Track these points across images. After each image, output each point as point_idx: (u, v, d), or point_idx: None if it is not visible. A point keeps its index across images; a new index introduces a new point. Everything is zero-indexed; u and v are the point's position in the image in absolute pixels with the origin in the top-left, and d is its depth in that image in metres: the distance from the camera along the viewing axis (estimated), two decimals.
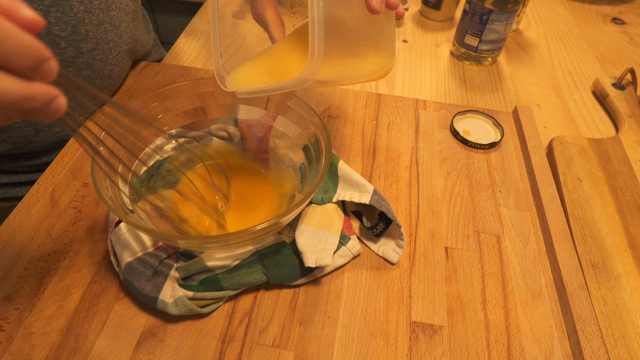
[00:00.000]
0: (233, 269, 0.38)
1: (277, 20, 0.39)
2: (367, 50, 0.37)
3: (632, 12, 0.86)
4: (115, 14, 0.51)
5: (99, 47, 0.50)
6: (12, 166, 0.53)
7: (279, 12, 0.40)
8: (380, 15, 0.35)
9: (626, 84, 0.64)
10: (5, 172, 0.54)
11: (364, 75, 0.39)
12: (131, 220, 0.32)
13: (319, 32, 0.29)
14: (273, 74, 0.38)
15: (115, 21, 0.52)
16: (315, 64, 0.30)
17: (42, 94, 0.20)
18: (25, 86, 0.20)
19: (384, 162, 0.51)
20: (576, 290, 0.40)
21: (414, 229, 0.45)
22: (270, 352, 0.36)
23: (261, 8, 0.39)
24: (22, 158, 0.53)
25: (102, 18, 0.49)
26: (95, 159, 0.33)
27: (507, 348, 0.37)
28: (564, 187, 0.49)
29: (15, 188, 0.55)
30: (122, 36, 0.54)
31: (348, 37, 0.34)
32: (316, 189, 0.35)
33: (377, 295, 0.40)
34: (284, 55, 0.39)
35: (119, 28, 0.53)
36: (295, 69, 0.37)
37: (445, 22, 0.80)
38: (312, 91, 0.60)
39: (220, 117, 0.46)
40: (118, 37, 0.53)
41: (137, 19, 0.59)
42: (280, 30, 0.40)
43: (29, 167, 0.54)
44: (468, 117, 0.58)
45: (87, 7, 0.47)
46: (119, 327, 0.36)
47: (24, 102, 0.20)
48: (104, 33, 0.50)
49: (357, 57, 0.36)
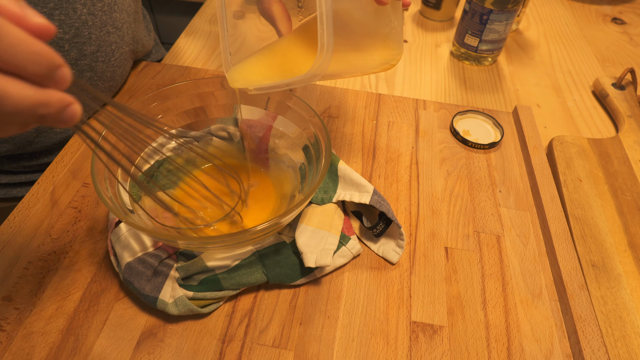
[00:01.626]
0: (233, 269, 0.38)
1: (284, 15, 0.40)
2: (375, 42, 0.37)
3: (632, 12, 0.86)
4: (118, 16, 0.51)
5: (101, 49, 0.50)
6: (13, 166, 0.53)
7: (285, 7, 0.40)
8: (387, 6, 0.35)
9: (626, 84, 0.64)
10: (5, 172, 0.54)
11: (372, 67, 0.39)
12: (131, 221, 0.32)
13: (327, 27, 0.29)
14: (280, 69, 0.38)
15: (118, 23, 0.52)
16: (324, 58, 0.30)
17: (55, 100, 0.20)
18: (39, 93, 0.20)
19: (384, 162, 0.51)
20: (576, 290, 0.40)
21: (414, 229, 0.45)
22: (270, 352, 0.36)
23: (268, 3, 0.39)
24: (23, 158, 0.53)
25: (105, 20, 0.49)
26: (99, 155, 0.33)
27: (507, 348, 0.37)
28: (564, 187, 0.49)
29: (15, 188, 0.55)
30: (124, 37, 0.54)
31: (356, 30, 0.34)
32: (316, 189, 0.35)
33: (377, 295, 0.40)
34: (291, 50, 0.39)
35: (122, 30, 0.53)
36: (303, 64, 0.37)
37: (445, 22, 0.80)
38: (312, 91, 0.60)
39: (220, 117, 0.46)
40: (120, 38, 0.53)
41: (138, 19, 0.59)
42: (287, 24, 0.40)
43: (30, 168, 0.54)
44: (468, 117, 0.58)
45: (90, 10, 0.47)
46: (119, 327, 0.36)
47: (38, 108, 0.20)
48: (106, 35, 0.50)
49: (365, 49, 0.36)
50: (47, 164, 0.54)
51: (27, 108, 0.20)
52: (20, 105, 0.19)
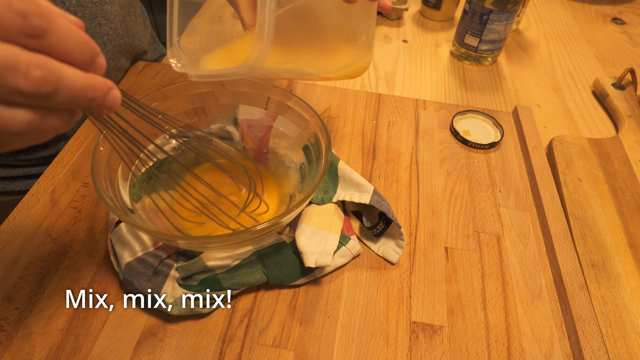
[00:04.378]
0: (233, 269, 0.38)
1: (248, 3, 0.37)
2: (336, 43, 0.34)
3: (632, 12, 0.86)
4: (109, 8, 0.52)
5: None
6: (11, 160, 0.53)
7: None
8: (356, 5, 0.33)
9: (626, 84, 0.64)
10: (3, 165, 0.54)
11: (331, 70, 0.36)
12: (131, 220, 0.32)
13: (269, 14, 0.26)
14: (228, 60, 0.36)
15: (110, 15, 0.52)
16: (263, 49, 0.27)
17: (100, 84, 0.22)
18: (87, 76, 0.21)
19: (384, 162, 0.51)
20: (576, 290, 0.40)
21: (414, 229, 0.45)
22: (270, 352, 0.36)
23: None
24: (21, 152, 0.53)
25: (95, 12, 0.49)
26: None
27: (507, 348, 0.37)
28: (564, 187, 0.49)
29: (13, 182, 0.55)
30: (117, 30, 0.54)
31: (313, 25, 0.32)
32: (316, 189, 0.35)
33: (377, 295, 0.40)
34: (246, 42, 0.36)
35: (114, 22, 0.53)
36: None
37: (445, 22, 0.80)
38: (312, 91, 0.60)
39: (220, 117, 0.46)
40: (113, 30, 0.53)
41: (133, 12, 0.59)
42: (251, 14, 0.37)
43: (27, 161, 0.54)
44: (468, 117, 0.58)
45: (79, 1, 0.47)
46: (119, 327, 0.36)
47: (89, 91, 0.21)
48: (97, 27, 0.50)
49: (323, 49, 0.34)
50: (45, 158, 0.54)
51: (81, 90, 0.21)
52: (75, 87, 0.21)
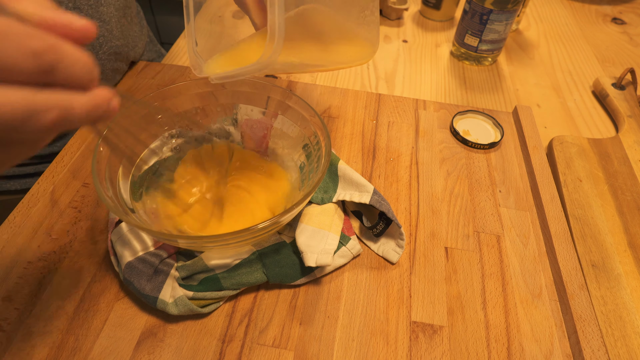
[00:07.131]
0: (233, 269, 0.38)
1: (257, 5, 0.37)
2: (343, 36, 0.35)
3: (632, 12, 0.86)
4: (105, 10, 0.52)
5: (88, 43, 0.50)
6: None
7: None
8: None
9: (626, 84, 0.64)
10: None
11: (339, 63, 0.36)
12: (131, 220, 0.32)
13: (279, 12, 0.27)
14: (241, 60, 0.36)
15: (105, 16, 0.52)
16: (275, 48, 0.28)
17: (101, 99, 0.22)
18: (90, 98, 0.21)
19: (384, 162, 0.51)
20: (576, 290, 0.40)
21: (414, 229, 0.45)
22: (270, 352, 0.36)
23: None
24: None
25: (90, 14, 0.49)
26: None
27: (507, 348, 0.37)
28: (564, 187, 0.49)
29: (9, 182, 0.55)
30: (113, 31, 0.54)
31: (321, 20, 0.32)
32: (316, 189, 0.35)
33: (377, 295, 0.40)
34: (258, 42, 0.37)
35: (109, 23, 0.53)
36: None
37: (445, 22, 0.80)
38: (312, 91, 0.60)
39: (220, 117, 0.46)
40: (108, 32, 0.53)
41: (129, 14, 0.59)
42: (261, 15, 0.38)
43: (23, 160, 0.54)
44: (468, 117, 0.58)
45: (75, 4, 0.47)
46: (119, 327, 0.36)
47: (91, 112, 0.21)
48: None
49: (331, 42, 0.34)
50: (41, 157, 0.54)
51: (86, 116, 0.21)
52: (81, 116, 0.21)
